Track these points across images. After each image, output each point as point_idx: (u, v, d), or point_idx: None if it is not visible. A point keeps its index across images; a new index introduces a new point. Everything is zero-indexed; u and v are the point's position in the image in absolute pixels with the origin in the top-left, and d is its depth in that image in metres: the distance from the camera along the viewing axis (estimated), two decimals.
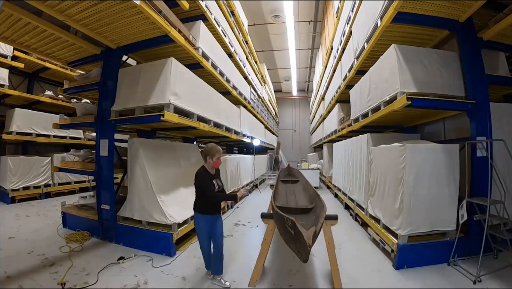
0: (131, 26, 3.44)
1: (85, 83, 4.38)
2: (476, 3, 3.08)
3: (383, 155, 3.83)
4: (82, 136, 8.08)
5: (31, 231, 4.27)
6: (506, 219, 3.02)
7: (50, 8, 2.96)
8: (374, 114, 4.24)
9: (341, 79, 6.65)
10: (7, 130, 6.44)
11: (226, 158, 6.30)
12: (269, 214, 2.90)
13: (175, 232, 3.50)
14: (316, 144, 14.26)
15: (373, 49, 4.22)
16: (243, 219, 5.35)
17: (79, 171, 4.56)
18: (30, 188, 6.63)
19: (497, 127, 3.36)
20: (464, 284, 2.73)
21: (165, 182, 4.06)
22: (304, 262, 1.88)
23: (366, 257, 3.50)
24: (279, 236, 2.74)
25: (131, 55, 4.37)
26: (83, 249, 3.56)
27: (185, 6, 3.90)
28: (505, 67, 3.83)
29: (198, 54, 4.38)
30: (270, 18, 10.78)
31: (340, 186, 6.74)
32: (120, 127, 4.50)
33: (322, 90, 11.11)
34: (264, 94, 12.50)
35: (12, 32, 3.64)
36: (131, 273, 2.94)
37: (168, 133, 6.44)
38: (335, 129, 7.87)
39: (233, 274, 2.97)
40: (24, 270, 2.91)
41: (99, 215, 3.94)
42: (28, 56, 6.58)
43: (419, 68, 3.39)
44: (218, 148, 2.74)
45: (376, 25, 3.80)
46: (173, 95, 3.49)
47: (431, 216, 3.16)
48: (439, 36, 3.88)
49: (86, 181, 8.21)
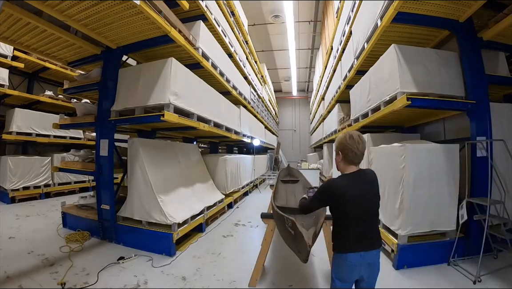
0: (131, 26, 3.44)
1: (85, 83, 4.38)
2: (476, 3, 3.07)
3: (383, 155, 3.83)
4: (82, 136, 8.07)
5: (31, 231, 4.26)
6: (506, 219, 3.02)
7: (50, 8, 2.96)
8: (374, 114, 4.24)
9: (341, 79, 6.64)
10: (7, 130, 6.44)
11: (226, 158, 6.31)
12: (269, 214, 2.90)
13: (175, 232, 3.50)
14: (316, 144, 14.25)
15: (373, 49, 4.22)
16: (243, 219, 5.35)
17: (79, 171, 4.55)
18: (30, 188, 6.62)
19: (497, 127, 3.36)
20: (464, 284, 2.73)
21: (165, 182, 4.06)
22: (304, 262, 1.88)
23: None
24: (279, 236, 2.74)
25: (131, 55, 4.37)
26: (83, 249, 3.56)
27: (185, 6, 3.90)
28: (505, 67, 3.83)
29: (198, 54, 4.38)
30: (270, 18, 10.77)
31: None
32: (120, 127, 4.50)
33: (322, 90, 11.11)
34: (264, 94, 12.50)
35: (12, 32, 3.63)
36: (131, 273, 2.94)
37: (168, 133, 6.43)
38: (335, 129, 7.86)
39: (233, 274, 2.97)
40: (24, 270, 2.91)
41: (99, 215, 3.94)
42: (28, 56, 6.57)
43: (419, 68, 3.39)
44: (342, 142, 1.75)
45: (376, 25, 3.80)
46: (173, 95, 3.49)
47: (431, 216, 3.16)
48: (439, 36, 3.88)
49: (86, 181, 8.20)
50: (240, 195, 7.29)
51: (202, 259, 3.37)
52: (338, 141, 1.75)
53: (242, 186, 7.55)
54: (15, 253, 3.38)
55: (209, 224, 4.87)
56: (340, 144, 1.71)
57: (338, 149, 1.73)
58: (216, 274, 2.97)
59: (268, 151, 15.69)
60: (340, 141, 1.71)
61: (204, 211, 4.50)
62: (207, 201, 4.83)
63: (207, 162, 6.15)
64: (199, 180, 5.28)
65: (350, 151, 1.65)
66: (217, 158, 6.28)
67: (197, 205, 4.43)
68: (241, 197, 7.65)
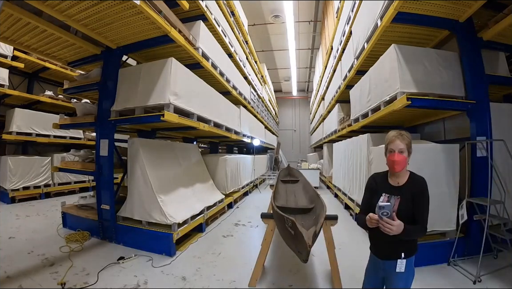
0: (131, 26, 3.44)
1: (85, 83, 4.38)
2: (476, 3, 3.07)
3: (383, 155, 3.83)
4: (82, 136, 8.07)
5: (31, 231, 4.26)
6: (506, 219, 3.02)
7: (50, 8, 2.96)
8: (374, 114, 4.24)
9: (341, 79, 6.65)
10: (7, 130, 6.44)
11: (226, 158, 6.31)
12: (269, 214, 2.90)
13: (175, 232, 3.50)
14: (316, 144, 14.26)
15: (373, 49, 4.22)
16: (243, 219, 5.35)
17: (79, 171, 4.55)
18: (30, 188, 6.62)
19: (497, 127, 3.36)
20: (464, 284, 2.73)
21: (165, 182, 4.06)
22: (304, 262, 1.88)
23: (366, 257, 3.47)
24: (279, 236, 2.74)
25: (131, 55, 4.37)
26: (83, 249, 3.56)
27: (185, 6, 3.90)
28: (505, 67, 3.83)
29: (198, 54, 4.38)
30: (270, 18, 10.77)
31: (340, 186, 6.74)
32: (120, 127, 4.50)
33: (322, 90, 11.11)
34: (264, 94, 12.50)
35: (12, 32, 3.63)
36: (131, 273, 2.94)
37: (168, 133, 6.44)
38: (335, 129, 7.86)
39: (233, 274, 2.97)
40: (24, 270, 2.91)
41: (99, 215, 3.94)
42: (28, 56, 6.57)
43: (419, 68, 3.39)
44: (388, 134, 1.67)
45: (376, 25, 3.80)
46: (173, 95, 3.49)
47: (431, 216, 3.08)
48: (439, 36, 3.88)
49: (86, 181, 8.20)
50: (240, 195, 7.29)
51: (202, 259, 3.37)
52: (410, 138, 1.63)
53: (242, 186, 7.55)
54: (15, 253, 3.38)
55: (209, 224, 4.87)
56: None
57: (409, 147, 1.62)
58: (216, 274, 2.97)
59: (268, 151, 15.69)
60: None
61: (204, 211, 4.50)
62: (207, 201, 4.83)
63: (207, 162, 6.15)
64: (199, 180, 5.28)
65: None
66: (217, 158, 6.28)
67: (197, 205, 4.43)
68: (241, 197, 7.65)
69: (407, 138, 1.61)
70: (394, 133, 1.62)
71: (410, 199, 1.57)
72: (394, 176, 1.68)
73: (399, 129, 1.67)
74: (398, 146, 1.58)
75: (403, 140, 1.59)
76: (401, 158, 1.58)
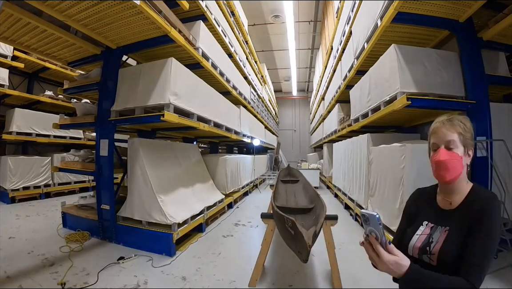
0: (131, 26, 3.44)
1: (85, 83, 4.38)
2: (476, 3, 3.07)
3: (383, 155, 3.83)
4: (82, 136, 8.07)
5: (31, 231, 4.26)
6: (506, 219, 3.02)
7: (50, 8, 2.95)
8: (374, 114, 4.24)
9: (341, 79, 6.65)
10: (7, 130, 6.43)
11: (226, 158, 6.31)
12: (269, 214, 2.90)
13: (175, 232, 3.50)
14: (316, 144, 14.25)
15: (373, 49, 4.22)
16: (243, 219, 5.35)
17: (79, 171, 4.55)
18: (30, 188, 6.62)
19: (497, 127, 3.35)
20: None
21: (165, 182, 4.06)
22: (304, 262, 1.88)
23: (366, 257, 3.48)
24: (279, 236, 2.74)
25: (131, 55, 4.37)
26: (83, 249, 3.56)
27: (185, 6, 3.90)
28: (505, 67, 3.83)
29: (198, 54, 4.38)
30: (270, 18, 10.77)
31: (340, 186, 6.74)
32: (120, 127, 4.50)
33: (322, 90, 11.11)
34: (264, 94, 12.50)
35: (12, 32, 3.63)
36: (131, 273, 2.94)
37: (168, 133, 6.44)
38: (335, 129, 7.86)
39: (233, 274, 2.96)
40: (24, 270, 2.91)
41: (99, 215, 3.94)
42: (28, 56, 6.57)
43: (419, 68, 3.39)
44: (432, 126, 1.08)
45: (376, 25, 3.80)
46: (173, 95, 3.49)
47: None
48: (439, 36, 3.88)
49: (86, 181, 8.19)
50: (240, 195, 7.29)
51: (202, 259, 3.37)
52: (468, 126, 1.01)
53: (242, 186, 7.55)
54: (15, 253, 3.38)
55: (209, 224, 4.87)
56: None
57: (467, 139, 1.00)
58: (216, 274, 2.97)
59: (268, 151, 15.69)
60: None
61: (204, 211, 4.50)
62: (207, 201, 4.83)
63: (207, 162, 6.15)
64: (199, 180, 5.28)
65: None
66: (217, 158, 6.28)
67: (197, 205, 4.43)
68: (241, 197, 7.65)
69: (460, 124, 0.99)
70: (440, 118, 1.03)
71: (465, 231, 0.93)
72: (444, 191, 1.08)
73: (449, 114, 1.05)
74: (444, 136, 0.99)
75: (452, 127, 0.98)
76: (450, 157, 0.96)
